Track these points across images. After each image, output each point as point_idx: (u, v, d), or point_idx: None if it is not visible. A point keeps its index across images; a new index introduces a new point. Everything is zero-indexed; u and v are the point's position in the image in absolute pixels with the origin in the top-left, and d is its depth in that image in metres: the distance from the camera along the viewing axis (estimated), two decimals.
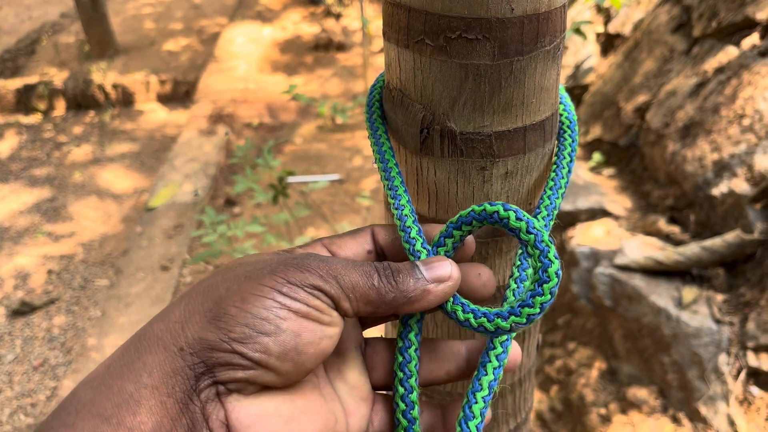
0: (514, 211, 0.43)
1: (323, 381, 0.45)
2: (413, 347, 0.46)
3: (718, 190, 2.17)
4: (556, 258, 0.42)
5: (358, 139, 4.28)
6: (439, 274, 0.43)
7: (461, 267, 0.46)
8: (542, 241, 0.42)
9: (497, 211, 0.43)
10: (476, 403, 0.44)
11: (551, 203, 0.49)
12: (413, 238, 0.46)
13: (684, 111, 2.52)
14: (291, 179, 3.37)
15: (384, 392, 0.49)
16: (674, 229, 2.28)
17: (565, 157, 0.51)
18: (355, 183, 3.79)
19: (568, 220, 2.54)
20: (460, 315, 0.44)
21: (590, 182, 2.72)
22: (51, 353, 2.88)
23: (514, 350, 0.47)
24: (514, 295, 0.47)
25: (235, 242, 2.76)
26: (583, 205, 2.54)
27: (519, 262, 0.48)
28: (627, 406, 1.98)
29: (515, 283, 0.48)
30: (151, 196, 3.79)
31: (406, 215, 0.47)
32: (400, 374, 0.45)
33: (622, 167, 2.85)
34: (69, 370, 2.72)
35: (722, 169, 2.19)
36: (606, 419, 1.99)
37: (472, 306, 0.45)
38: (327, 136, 4.39)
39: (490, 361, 0.45)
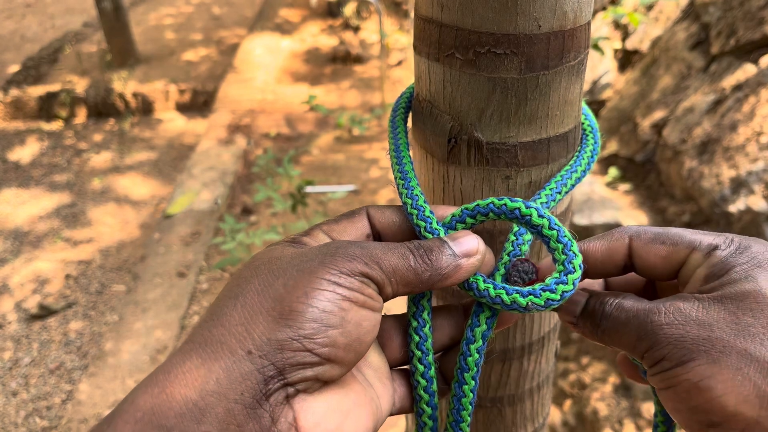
0: (536, 209, 0.45)
1: (354, 369, 0.45)
2: (427, 326, 0.47)
3: (735, 206, 2.17)
4: (579, 252, 0.44)
5: (375, 151, 4.31)
6: (467, 248, 0.44)
7: None
8: (565, 235, 0.44)
9: (518, 208, 0.45)
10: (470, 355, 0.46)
11: (556, 188, 0.50)
12: (428, 216, 0.47)
13: (701, 127, 2.53)
14: (308, 189, 3.39)
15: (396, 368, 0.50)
16: None
17: (586, 152, 0.53)
18: (371, 194, 3.81)
19: (583, 235, 2.54)
20: (481, 285, 0.45)
21: (606, 197, 2.72)
22: (67, 357, 2.91)
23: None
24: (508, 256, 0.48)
25: (253, 250, 2.79)
26: (599, 220, 2.54)
27: (514, 238, 0.50)
28: (641, 422, 1.98)
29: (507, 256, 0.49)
30: (169, 203, 3.83)
31: (417, 195, 0.48)
32: (418, 353, 0.47)
33: (638, 183, 2.86)
34: (85, 374, 2.75)
35: (739, 186, 2.19)
36: None
37: (489, 279, 0.46)
38: (344, 148, 4.42)
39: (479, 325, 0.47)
